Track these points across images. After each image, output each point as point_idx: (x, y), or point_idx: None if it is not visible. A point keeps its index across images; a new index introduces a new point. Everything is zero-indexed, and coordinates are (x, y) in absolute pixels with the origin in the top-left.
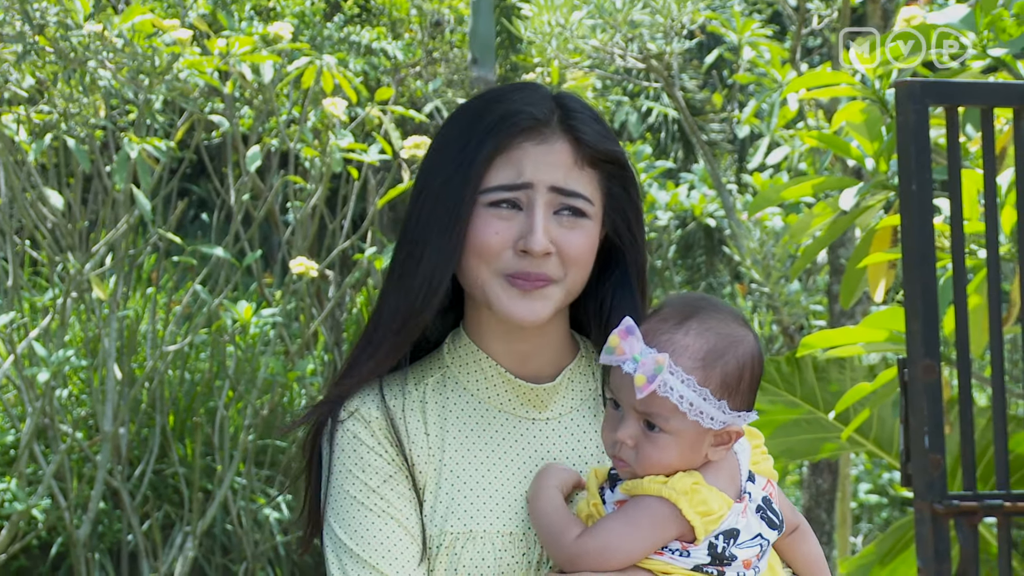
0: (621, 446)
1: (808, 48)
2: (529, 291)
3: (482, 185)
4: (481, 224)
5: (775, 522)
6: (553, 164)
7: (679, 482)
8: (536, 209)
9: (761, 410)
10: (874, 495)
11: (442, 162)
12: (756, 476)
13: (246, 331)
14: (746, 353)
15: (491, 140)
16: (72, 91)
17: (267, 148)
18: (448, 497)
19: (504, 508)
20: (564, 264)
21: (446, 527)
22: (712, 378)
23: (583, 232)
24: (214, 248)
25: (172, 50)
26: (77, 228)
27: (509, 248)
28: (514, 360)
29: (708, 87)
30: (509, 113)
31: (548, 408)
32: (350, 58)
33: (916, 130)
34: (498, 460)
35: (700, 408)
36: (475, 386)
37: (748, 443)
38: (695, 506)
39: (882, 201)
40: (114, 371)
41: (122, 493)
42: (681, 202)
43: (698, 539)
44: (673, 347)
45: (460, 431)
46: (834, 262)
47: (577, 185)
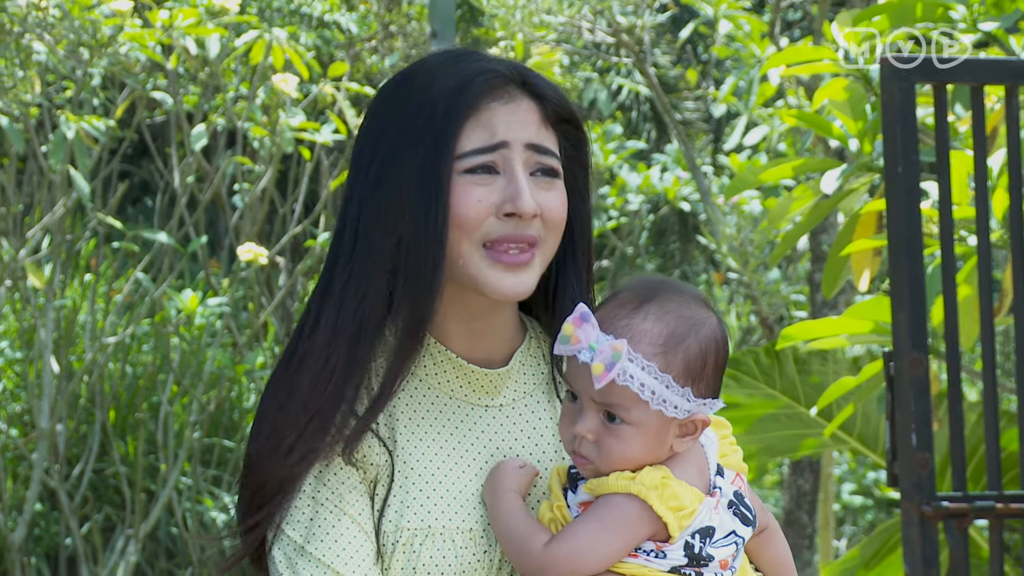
0: (581, 441)
1: (788, 21)
2: (515, 265)
3: (456, 152)
4: (461, 194)
5: (748, 518)
6: (524, 122)
7: (647, 477)
8: (516, 169)
9: (738, 403)
10: (858, 496)
11: (397, 140)
12: (725, 470)
13: (191, 322)
14: (709, 336)
15: (458, 104)
16: (6, 65)
17: (213, 127)
18: (403, 491)
19: (462, 503)
20: (545, 226)
21: (402, 523)
22: (674, 364)
23: (559, 193)
24: (157, 233)
25: (112, 22)
26: (11, 212)
27: (492, 215)
28: (466, 343)
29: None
30: (472, 74)
31: (500, 394)
32: (301, 31)
33: (902, 109)
34: (453, 451)
35: (663, 396)
36: (424, 372)
37: (715, 434)
38: (666, 501)
39: (866, 184)
40: (51, 364)
41: (60, 494)
42: (653, 185)
43: (672, 537)
44: (631, 333)
45: (411, 419)
46: (816, 249)
47: (547, 142)
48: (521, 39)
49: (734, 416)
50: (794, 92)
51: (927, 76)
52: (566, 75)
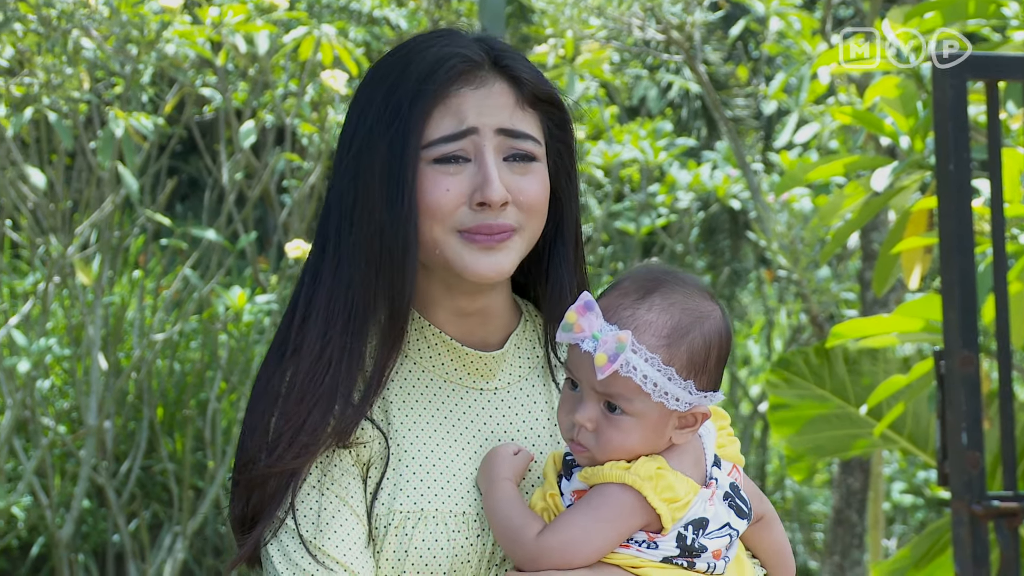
0: (580, 430)
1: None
2: (491, 246)
3: (423, 140)
4: (429, 184)
5: (744, 510)
6: (496, 106)
7: (642, 467)
8: (486, 156)
9: (788, 404)
10: (908, 495)
11: (372, 124)
12: (722, 461)
13: (239, 319)
14: (713, 329)
15: (425, 91)
16: (55, 62)
17: (262, 124)
18: (396, 474)
19: (456, 486)
20: (521, 212)
21: (394, 506)
22: (678, 356)
23: (536, 177)
24: (205, 230)
25: (161, 18)
26: (60, 208)
27: (464, 204)
28: (459, 327)
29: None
30: (440, 59)
31: (496, 377)
32: (350, 27)
33: (954, 106)
34: (446, 434)
35: (665, 389)
36: (418, 355)
37: (713, 426)
38: (660, 492)
39: (917, 182)
40: (99, 361)
41: (107, 491)
42: (703, 183)
43: (665, 528)
44: (635, 324)
45: (405, 402)
46: (866, 247)
47: (524, 125)
48: (570, 36)
49: (783, 417)
50: (845, 89)
51: (979, 73)
52: (616, 72)
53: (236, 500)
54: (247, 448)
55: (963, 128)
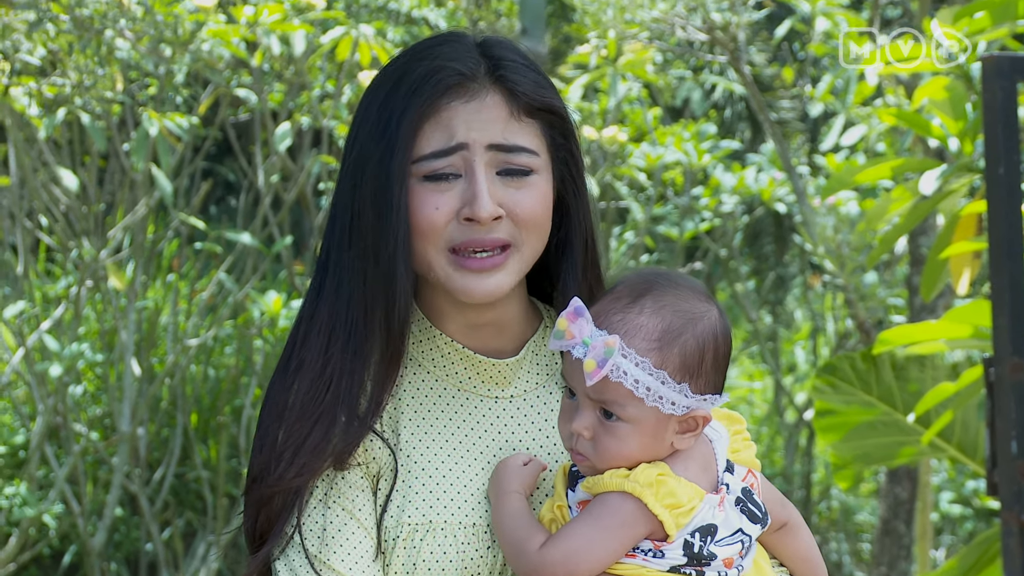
0: (578, 438)
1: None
2: (483, 270)
3: (412, 156)
4: (418, 201)
5: (757, 515)
6: (488, 120)
7: (642, 474)
8: (476, 172)
9: (834, 410)
10: (957, 505)
11: (366, 137)
12: (735, 466)
13: (275, 324)
14: (707, 330)
15: (415, 105)
16: (88, 62)
17: (298, 125)
18: (405, 485)
19: (467, 497)
20: (518, 227)
21: (403, 518)
22: (669, 359)
23: (533, 190)
24: (240, 234)
25: (196, 18)
26: (92, 211)
27: (453, 220)
28: (472, 339)
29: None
30: (430, 72)
31: (511, 385)
32: (389, 27)
33: (1004, 108)
34: (459, 444)
35: (658, 392)
36: (432, 364)
37: (726, 430)
38: (661, 499)
39: (967, 185)
40: (132, 366)
41: (140, 499)
42: (748, 186)
43: (670, 536)
44: (626, 328)
45: (417, 412)
46: (914, 251)
47: (518, 138)
48: (613, 36)
49: (829, 424)
50: (893, 91)
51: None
52: (659, 73)
53: (247, 516)
54: (254, 464)
55: (1013, 130)
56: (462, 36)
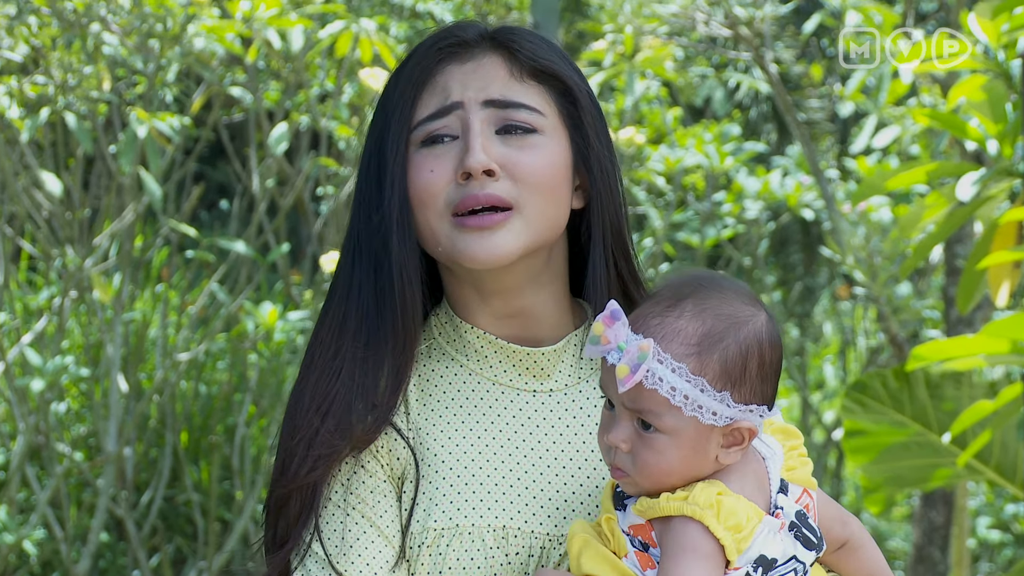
0: (616, 452)
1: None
2: (484, 227)
3: (411, 123)
4: (415, 169)
5: (812, 541)
6: (484, 78)
7: (701, 495)
8: (471, 127)
9: (864, 430)
10: (995, 531)
11: (377, 111)
12: (790, 486)
13: (270, 337)
14: (751, 335)
15: (414, 72)
16: (72, 59)
17: (296, 126)
18: (432, 488)
19: (497, 498)
20: (519, 186)
21: (429, 523)
22: (709, 366)
23: (538, 150)
24: (234, 241)
25: (186, 12)
26: (77, 218)
27: (451, 181)
28: (503, 327)
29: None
30: (431, 41)
31: (551, 378)
32: (392, 22)
33: None
34: (491, 441)
35: (697, 401)
36: (464, 357)
37: (780, 447)
38: (723, 520)
39: (1006, 190)
40: (119, 382)
41: (127, 523)
42: (774, 191)
43: (731, 562)
44: (663, 332)
45: (448, 408)
46: (950, 261)
47: (518, 95)
48: (630, 32)
49: (859, 444)
50: (928, 90)
51: None
52: (679, 71)
53: (267, 527)
54: (273, 466)
55: None
56: (475, 23)
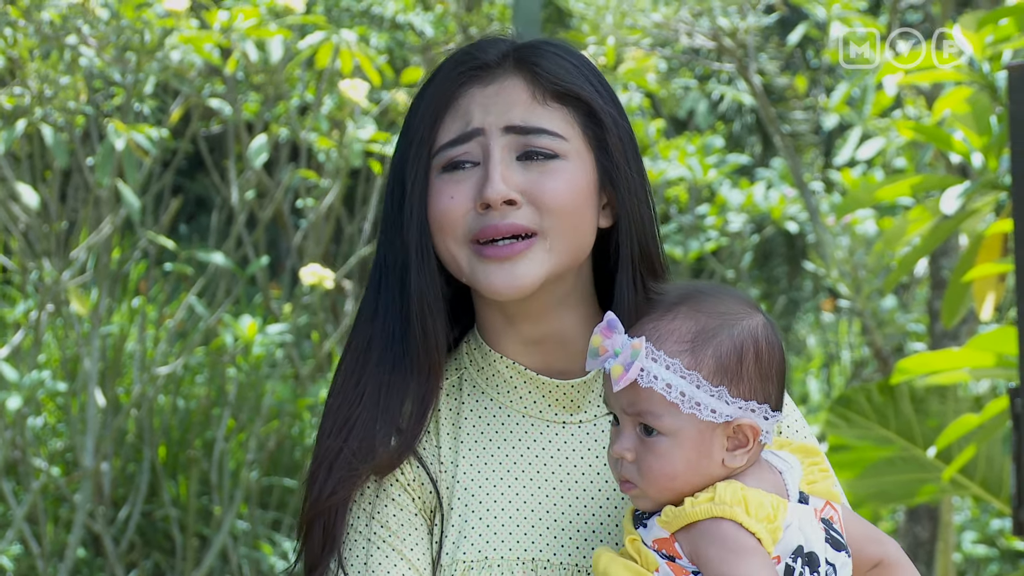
0: (622, 463)
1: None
2: (504, 258)
3: (433, 148)
4: (435, 195)
5: (840, 542)
6: (505, 103)
7: (725, 492)
8: (492, 155)
9: (848, 445)
10: (981, 546)
11: (401, 133)
12: (811, 498)
13: (249, 351)
14: (746, 331)
15: (435, 97)
16: (49, 70)
17: (275, 138)
18: (461, 520)
19: (526, 530)
20: (542, 214)
21: (458, 555)
22: (703, 361)
23: (560, 175)
24: (213, 254)
25: (165, 23)
26: (54, 230)
27: (471, 209)
28: (533, 357)
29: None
30: (453, 63)
31: (582, 410)
32: (372, 33)
33: None
34: (520, 474)
35: (694, 397)
36: (494, 390)
37: (797, 461)
38: (755, 513)
39: (991, 203)
40: (96, 397)
41: (104, 539)
42: (757, 203)
43: (768, 552)
44: (658, 333)
45: (477, 441)
46: (935, 274)
47: (540, 120)
48: (612, 43)
49: (844, 459)
50: (913, 102)
51: None
52: (662, 82)
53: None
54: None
55: None
56: (505, 38)
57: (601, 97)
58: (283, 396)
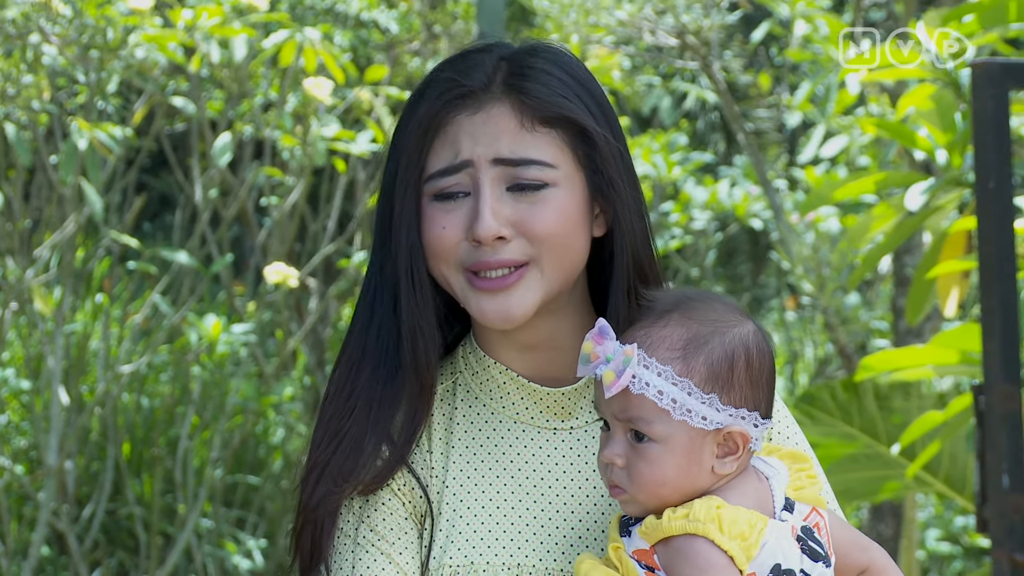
0: (612, 468)
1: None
2: (497, 289)
3: (424, 174)
4: (428, 222)
5: (820, 553)
6: (493, 133)
7: (700, 510)
8: (482, 190)
9: (813, 443)
10: (945, 543)
11: (390, 151)
12: (796, 504)
13: (213, 349)
14: (737, 339)
15: (424, 121)
16: (12, 69)
17: (239, 136)
18: (449, 525)
19: (513, 536)
20: (534, 244)
21: (444, 560)
22: (695, 368)
23: (550, 205)
24: (177, 252)
25: (129, 21)
26: (17, 228)
27: (463, 240)
28: (527, 363)
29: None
30: (441, 84)
31: (573, 416)
32: (336, 31)
33: (995, 118)
34: (509, 480)
35: (685, 404)
36: (487, 396)
37: (785, 468)
38: (727, 531)
39: (955, 200)
40: (60, 395)
41: (68, 537)
42: (721, 201)
43: (742, 571)
44: (649, 340)
45: (468, 447)
46: (899, 271)
47: (528, 150)
48: (576, 41)
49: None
50: (876, 99)
51: (1022, 82)
52: (626, 80)
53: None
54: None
55: (1005, 142)
56: (497, 46)
57: (591, 114)
58: (247, 394)
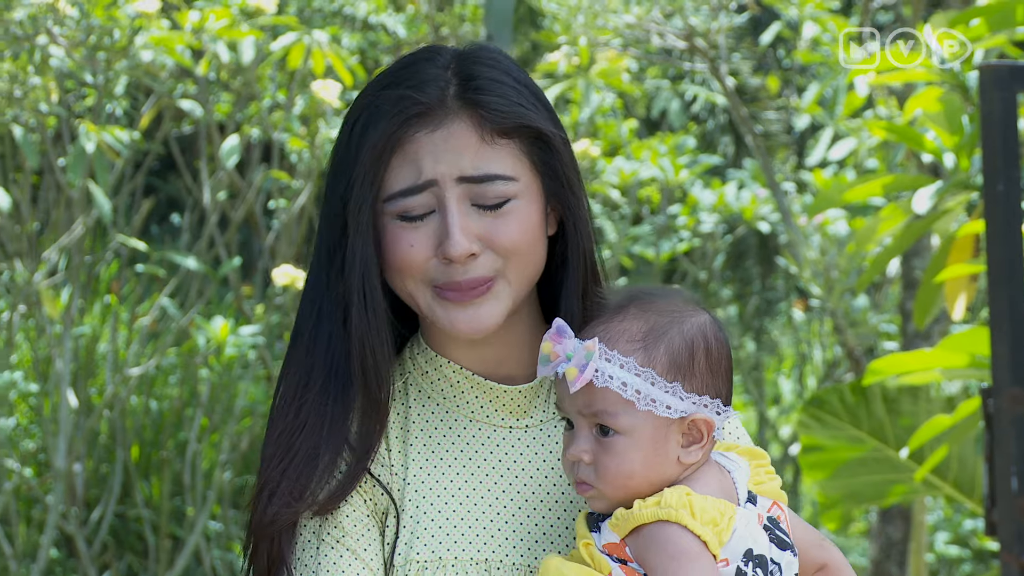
0: (578, 465)
1: (879, 24)
2: (466, 302)
3: (382, 194)
4: (393, 241)
5: (786, 542)
6: (455, 150)
7: (670, 497)
8: (449, 209)
9: (821, 445)
10: (954, 546)
11: (335, 169)
12: (759, 497)
13: (221, 352)
14: (695, 327)
15: (381, 138)
16: (19, 72)
17: (247, 139)
18: (413, 522)
19: (478, 532)
20: (501, 257)
21: (411, 555)
22: (656, 358)
23: (513, 217)
24: (185, 255)
25: (136, 23)
26: (25, 231)
27: (432, 257)
28: (480, 361)
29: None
30: (394, 101)
31: (528, 415)
32: (344, 34)
33: (1003, 120)
34: (470, 477)
35: (649, 394)
36: (440, 395)
37: (746, 463)
38: (699, 516)
39: (963, 203)
40: (68, 398)
41: (77, 540)
42: (729, 204)
43: (716, 555)
44: (609, 334)
45: (426, 445)
46: (907, 274)
47: (490, 165)
48: (585, 44)
49: (816, 460)
50: (884, 102)
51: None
52: (634, 83)
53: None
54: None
55: (1013, 144)
56: (437, 53)
57: (546, 118)
58: (255, 397)
